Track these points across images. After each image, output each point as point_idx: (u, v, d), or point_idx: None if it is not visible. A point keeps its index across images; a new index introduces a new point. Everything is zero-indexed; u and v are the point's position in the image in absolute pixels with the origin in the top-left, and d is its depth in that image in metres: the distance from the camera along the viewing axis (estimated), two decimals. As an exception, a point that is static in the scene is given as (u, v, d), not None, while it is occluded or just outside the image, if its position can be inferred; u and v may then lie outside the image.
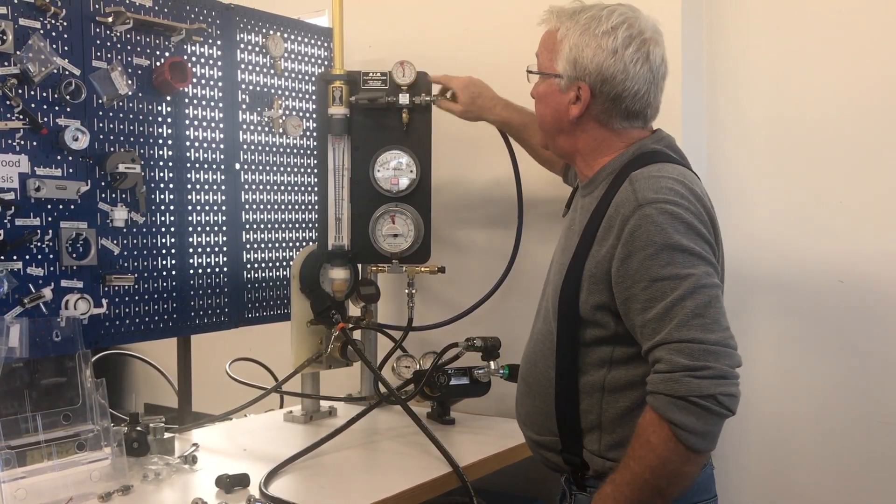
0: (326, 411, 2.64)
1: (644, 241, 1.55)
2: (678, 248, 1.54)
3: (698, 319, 1.50)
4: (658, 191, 1.59)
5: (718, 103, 2.46)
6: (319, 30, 2.74)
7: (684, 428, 1.47)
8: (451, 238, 2.80)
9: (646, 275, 1.54)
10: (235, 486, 1.90)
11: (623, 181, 1.65)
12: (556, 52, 1.73)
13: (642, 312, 1.55)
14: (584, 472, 1.73)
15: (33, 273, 2.00)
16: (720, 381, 1.47)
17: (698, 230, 1.58)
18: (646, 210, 1.57)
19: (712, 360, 1.48)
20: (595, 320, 1.66)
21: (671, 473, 1.52)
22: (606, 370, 1.67)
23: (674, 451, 1.49)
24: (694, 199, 1.61)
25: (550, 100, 1.77)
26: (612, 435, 1.67)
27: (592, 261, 1.65)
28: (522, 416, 1.87)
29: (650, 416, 1.52)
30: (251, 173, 2.53)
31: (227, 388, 2.60)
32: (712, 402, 1.47)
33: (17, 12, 1.97)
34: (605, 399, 1.67)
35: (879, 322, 2.24)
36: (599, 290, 1.64)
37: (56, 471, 1.87)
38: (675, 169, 1.66)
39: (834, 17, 2.29)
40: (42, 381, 1.96)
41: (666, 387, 1.49)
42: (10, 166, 1.96)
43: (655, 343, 1.53)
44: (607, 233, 1.63)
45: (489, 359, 2.38)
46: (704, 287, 1.53)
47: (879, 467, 2.24)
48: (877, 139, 2.24)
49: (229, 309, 2.48)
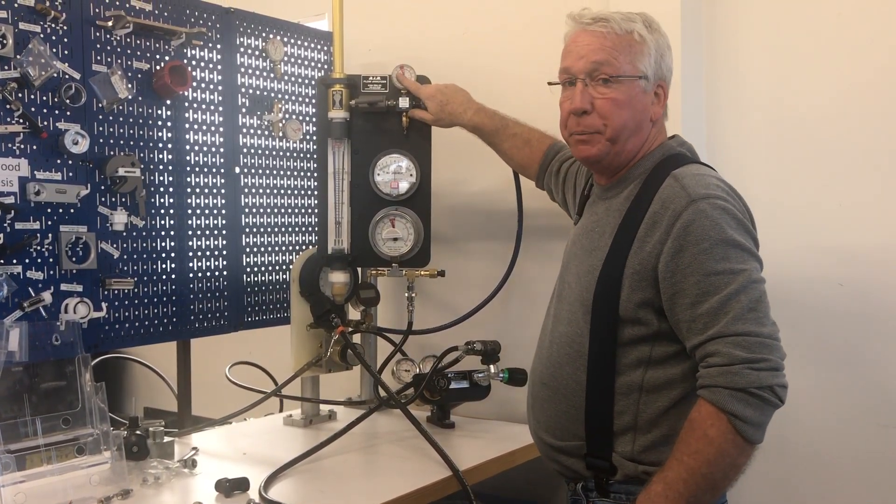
0: (326, 415, 2.64)
1: (698, 235, 1.58)
2: (732, 243, 1.58)
3: (753, 314, 1.54)
4: (708, 187, 1.63)
5: (718, 104, 2.46)
6: (319, 33, 2.75)
7: (744, 419, 1.51)
8: (450, 242, 2.80)
9: (700, 269, 1.57)
10: (235, 489, 1.90)
11: (660, 180, 1.67)
12: (639, 54, 1.73)
13: (692, 307, 1.57)
14: (609, 476, 1.72)
15: (33, 277, 2.00)
16: (775, 373, 1.53)
17: (747, 227, 1.63)
18: (699, 205, 1.59)
19: (768, 353, 1.53)
20: (637, 318, 1.66)
21: (728, 466, 1.54)
22: (644, 370, 1.68)
23: (732, 442, 1.52)
24: (737, 197, 1.68)
25: (636, 102, 1.74)
26: (648, 436, 1.68)
27: (636, 258, 1.65)
28: (542, 422, 1.84)
29: (707, 408, 1.53)
30: (251, 177, 2.53)
31: (226, 391, 2.60)
32: (769, 393, 1.52)
33: (18, 16, 1.97)
34: (643, 399, 1.68)
35: (879, 325, 2.23)
36: (643, 287, 1.65)
37: (55, 475, 1.87)
38: (710, 170, 1.73)
39: (833, 18, 2.29)
40: (41, 385, 1.96)
41: (725, 379, 1.52)
42: (10, 170, 1.96)
43: (709, 336, 1.55)
44: (652, 229, 1.64)
45: (489, 362, 2.37)
46: (756, 282, 1.58)
47: (879, 470, 2.23)
48: (876, 140, 2.24)
49: (229, 312, 2.48)
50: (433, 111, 2.29)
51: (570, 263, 1.85)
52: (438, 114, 2.29)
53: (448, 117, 2.29)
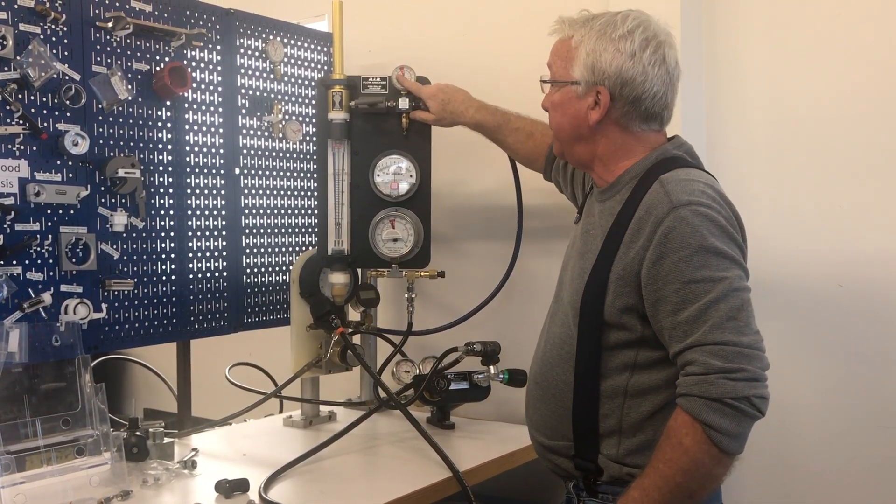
0: (326, 416, 2.64)
1: (679, 242, 1.56)
2: (713, 250, 1.56)
3: (732, 322, 1.52)
4: (692, 193, 1.61)
5: (718, 105, 2.46)
6: (319, 34, 2.75)
7: (719, 430, 1.49)
8: (450, 242, 2.80)
9: (679, 276, 1.55)
10: (235, 491, 1.90)
11: (649, 184, 1.66)
12: (572, 59, 1.73)
13: (673, 314, 1.56)
14: (597, 477, 1.73)
15: (33, 278, 2.00)
16: (753, 384, 1.50)
17: (731, 234, 1.60)
18: (681, 212, 1.58)
19: (746, 363, 1.50)
20: (621, 323, 1.66)
21: (703, 476, 1.53)
22: (629, 374, 1.68)
23: (707, 453, 1.50)
24: (725, 203, 1.64)
25: (568, 107, 1.77)
26: (632, 439, 1.68)
27: (620, 263, 1.65)
28: (534, 421, 1.86)
29: (683, 418, 1.52)
30: (251, 178, 2.53)
31: (226, 392, 2.60)
32: (746, 404, 1.49)
33: (18, 17, 1.97)
34: (628, 403, 1.68)
35: (879, 325, 2.23)
36: (627, 293, 1.64)
37: (55, 476, 1.87)
38: (701, 174, 1.70)
39: (833, 19, 2.29)
40: (41, 386, 1.96)
41: (700, 389, 1.50)
42: (9, 171, 1.96)
43: (688, 345, 1.54)
44: (637, 235, 1.63)
45: (489, 363, 2.37)
46: (737, 290, 1.55)
47: (880, 471, 2.23)
48: (877, 142, 2.24)
49: (229, 313, 2.48)
50: (435, 111, 2.29)
51: (567, 265, 1.86)
52: (440, 113, 2.28)
53: (450, 116, 2.28)
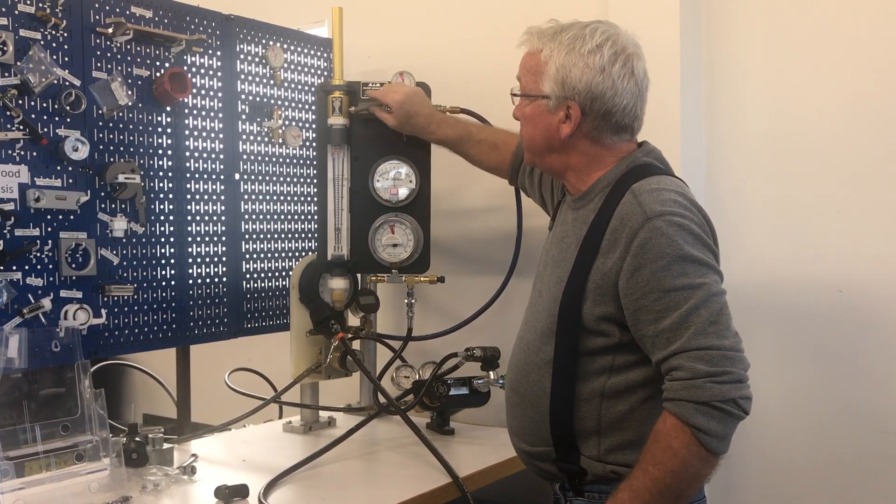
0: (325, 422, 2.64)
1: (655, 252, 1.59)
2: (689, 258, 1.59)
3: (713, 327, 1.56)
4: (664, 203, 1.63)
5: (717, 113, 2.46)
6: (319, 40, 2.75)
7: (707, 432, 1.53)
8: (450, 248, 2.81)
9: (658, 286, 1.58)
10: (234, 496, 1.90)
11: (620, 193, 1.68)
12: (542, 74, 1.74)
13: (654, 323, 1.59)
14: (581, 478, 1.76)
15: (32, 283, 2.00)
16: (738, 385, 1.55)
17: (704, 240, 1.64)
18: (655, 223, 1.60)
19: (730, 366, 1.54)
20: (599, 330, 1.69)
21: (691, 476, 1.57)
22: (606, 377, 1.70)
23: (696, 454, 1.54)
24: (696, 210, 1.68)
25: (539, 121, 1.78)
26: (612, 438, 1.71)
27: (598, 272, 1.67)
28: (514, 428, 1.88)
29: (671, 421, 1.55)
30: (251, 183, 2.53)
31: (225, 398, 2.60)
32: (732, 406, 1.53)
33: (18, 23, 1.97)
34: (605, 404, 1.70)
35: (879, 332, 2.23)
36: (605, 302, 1.67)
37: (55, 482, 1.87)
38: (672, 181, 1.72)
39: (833, 27, 2.29)
40: (41, 392, 1.96)
41: (689, 393, 1.54)
42: (9, 177, 1.96)
43: (672, 351, 1.57)
44: (613, 245, 1.65)
45: (489, 369, 2.38)
46: (715, 295, 1.59)
47: (881, 478, 2.23)
48: (876, 149, 2.24)
49: (228, 319, 2.48)
50: (398, 118, 2.27)
51: (543, 272, 1.88)
52: (403, 124, 2.28)
53: (411, 129, 2.29)
